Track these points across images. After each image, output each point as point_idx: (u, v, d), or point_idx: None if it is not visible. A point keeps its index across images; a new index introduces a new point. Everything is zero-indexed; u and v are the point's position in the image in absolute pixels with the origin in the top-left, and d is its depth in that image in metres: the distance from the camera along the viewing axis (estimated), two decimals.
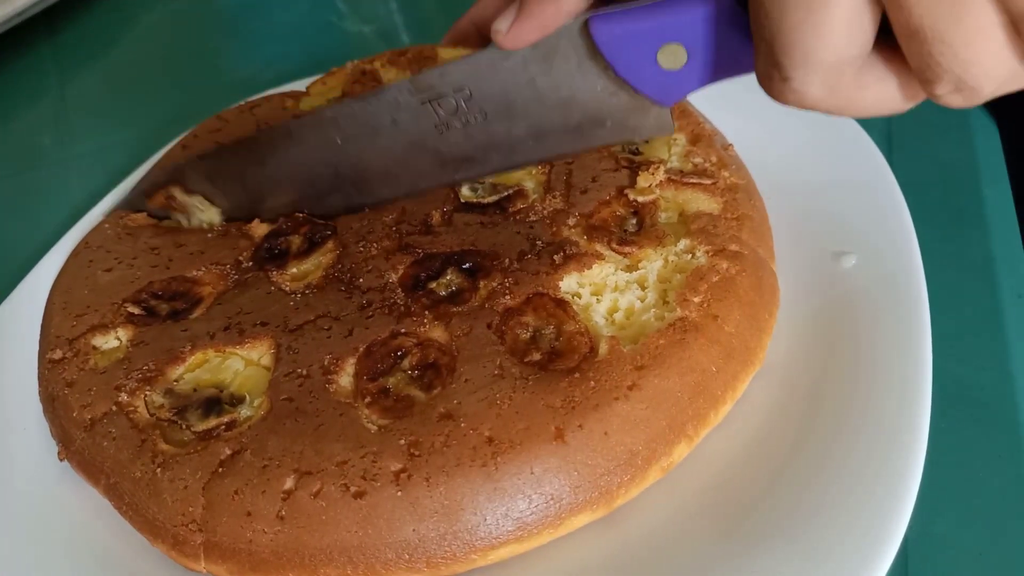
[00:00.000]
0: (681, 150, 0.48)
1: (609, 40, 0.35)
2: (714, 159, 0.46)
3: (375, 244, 0.44)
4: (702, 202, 0.44)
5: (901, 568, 0.35)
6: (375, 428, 0.35)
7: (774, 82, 0.29)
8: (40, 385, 0.42)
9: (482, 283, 0.41)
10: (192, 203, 0.48)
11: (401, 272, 0.42)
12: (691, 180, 0.45)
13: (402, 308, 0.40)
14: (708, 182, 0.45)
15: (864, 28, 0.27)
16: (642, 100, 0.37)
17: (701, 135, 0.48)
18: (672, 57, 0.34)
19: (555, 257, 0.41)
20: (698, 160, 0.46)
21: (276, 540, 0.33)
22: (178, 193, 0.48)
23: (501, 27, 0.36)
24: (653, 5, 0.34)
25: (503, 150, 0.41)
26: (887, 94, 0.29)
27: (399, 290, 0.41)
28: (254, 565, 0.33)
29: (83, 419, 0.39)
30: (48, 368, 0.42)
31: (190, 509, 0.34)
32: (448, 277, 0.41)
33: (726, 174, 0.45)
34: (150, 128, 0.67)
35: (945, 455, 0.37)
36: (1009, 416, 0.40)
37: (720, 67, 0.34)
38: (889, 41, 0.28)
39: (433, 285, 0.41)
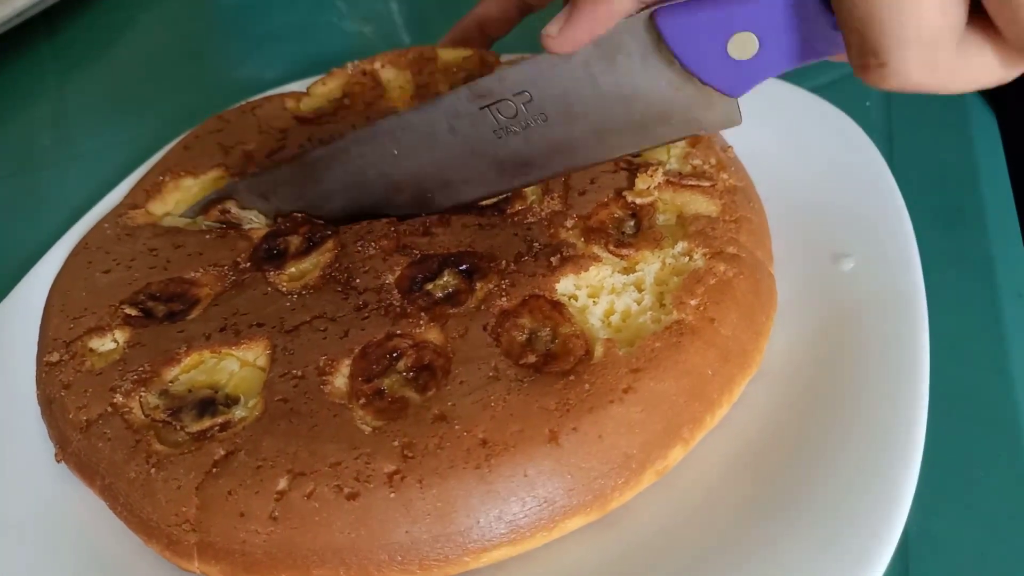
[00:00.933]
0: (680, 152, 0.48)
1: (677, 32, 0.35)
2: (713, 161, 0.46)
3: (373, 244, 0.44)
4: (700, 204, 0.44)
5: (902, 567, 0.35)
6: (369, 429, 0.35)
7: (871, 69, 0.29)
8: (38, 387, 0.42)
9: (479, 285, 0.40)
10: (247, 216, 0.48)
11: (398, 273, 0.42)
12: (689, 182, 0.44)
13: (398, 309, 0.40)
14: (707, 184, 0.44)
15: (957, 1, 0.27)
16: (709, 92, 0.36)
17: (700, 137, 0.48)
18: (743, 46, 0.34)
19: (552, 259, 0.40)
20: (697, 162, 0.46)
21: (269, 541, 0.33)
22: (233, 207, 0.48)
23: (551, 31, 0.36)
24: None
25: (564, 152, 0.40)
26: (987, 65, 0.29)
27: (395, 291, 0.41)
28: (247, 566, 0.33)
29: (79, 421, 0.39)
30: (45, 370, 0.42)
31: (184, 509, 0.34)
32: (445, 279, 0.41)
33: (725, 176, 0.45)
34: (150, 128, 0.67)
35: (945, 455, 0.37)
36: (1009, 415, 0.40)
37: (793, 55, 0.34)
38: (980, 12, 0.27)
39: (430, 286, 0.41)
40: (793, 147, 0.50)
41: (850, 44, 0.29)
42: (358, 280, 0.42)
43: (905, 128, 0.54)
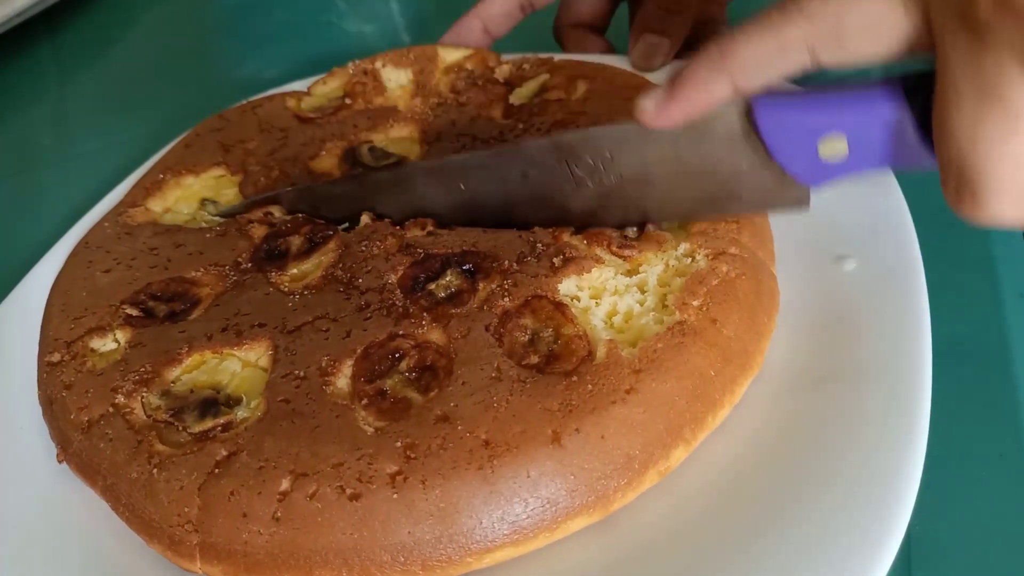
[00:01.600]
0: None
1: (772, 125, 0.35)
2: None
3: (376, 244, 0.44)
4: None
5: (904, 567, 0.35)
6: (371, 430, 0.35)
7: (965, 203, 0.30)
8: (39, 388, 0.42)
9: (481, 285, 0.40)
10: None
11: (401, 273, 0.42)
12: None
13: (400, 310, 0.40)
14: None
15: None
16: (787, 179, 0.37)
17: None
18: (833, 148, 0.35)
19: (554, 260, 0.40)
20: None
21: (271, 541, 0.33)
22: (277, 211, 0.48)
23: (648, 106, 0.36)
24: (825, 97, 0.34)
25: (630, 209, 0.41)
26: None
27: (398, 291, 0.41)
28: (249, 566, 0.33)
29: (80, 421, 0.39)
30: (46, 371, 0.42)
31: (186, 510, 0.34)
32: (447, 278, 0.41)
33: None
34: (150, 128, 0.67)
35: (948, 455, 0.37)
36: (1011, 416, 0.40)
37: (880, 162, 0.35)
38: None
39: (432, 286, 0.41)
40: None
41: (947, 176, 0.30)
42: (360, 280, 0.42)
43: None
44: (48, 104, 0.79)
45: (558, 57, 0.58)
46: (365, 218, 0.46)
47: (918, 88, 0.32)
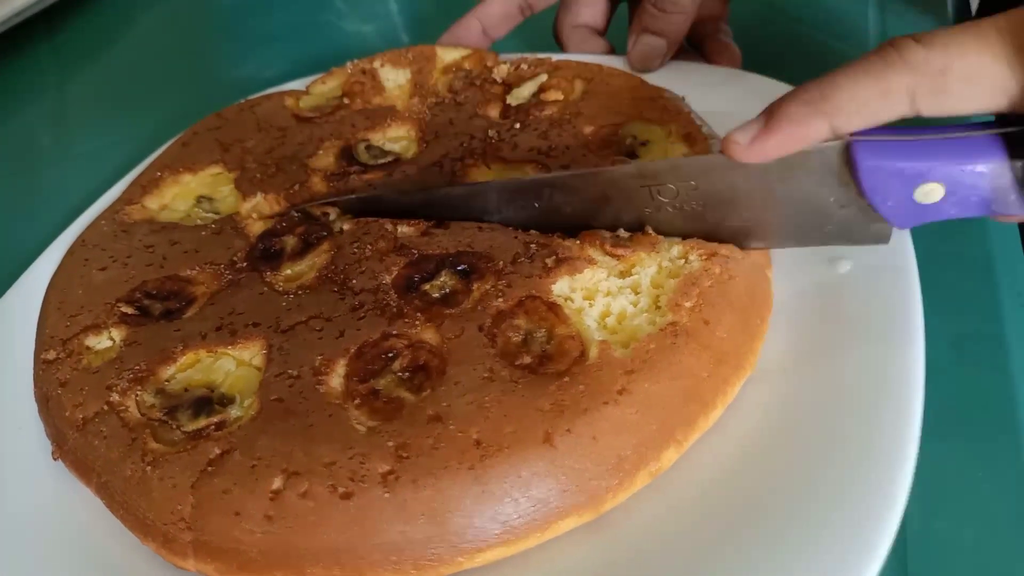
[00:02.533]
0: (678, 153, 0.48)
1: (870, 169, 0.35)
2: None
3: (370, 245, 0.44)
4: None
5: (900, 566, 0.35)
6: (364, 429, 0.35)
7: None
8: (35, 385, 0.43)
9: (475, 285, 0.41)
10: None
11: (395, 274, 0.42)
12: None
13: (394, 310, 0.40)
14: None
15: None
16: (874, 217, 0.37)
17: (696, 137, 0.48)
18: (929, 194, 0.34)
19: (548, 261, 0.41)
20: None
21: (263, 540, 0.33)
22: (333, 213, 0.48)
23: (741, 140, 0.36)
24: (925, 144, 0.34)
25: (707, 232, 0.41)
26: None
27: (392, 291, 0.41)
28: (242, 564, 0.33)
29: (75, 418, 0.39)
30: (42, 368, 0.42)
31: (179, 507, 0.34)
32: (442, 279, 0.41)
33: None
34: (149, 128, 0.67)
35: (945, 455, 0.37)
36: (1008, 416, 0.40)
37: (978, 212, 0.34)
38: None
39: (426, 287, 0.41)
40: None
41: None
42: (354, 281, 0.42)
43: None
44: (47, 104, 0.79)
45: (556, 57, 0.58)
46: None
47: (1020, 141, 0.32)
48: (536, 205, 0.43)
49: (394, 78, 0.59)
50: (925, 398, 0.34)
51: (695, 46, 0.63)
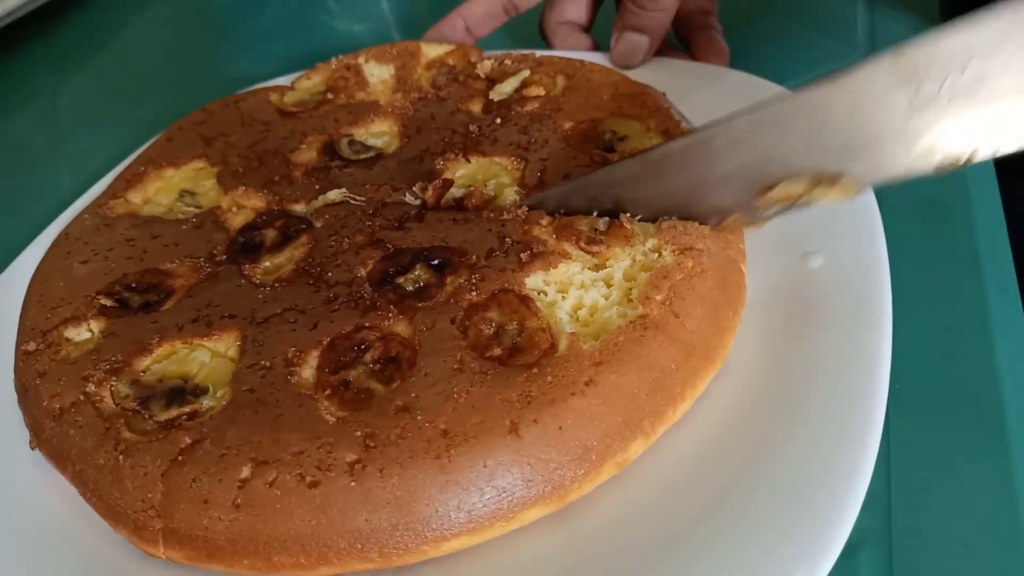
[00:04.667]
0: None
1: None
2: None
3: (347, 239, 0.44)
4: None
5: (886, 560, 0.35)
6: (333, 420, 0.35)
7: None
8: (15, 376, 0.43)
9: (449, 279, 0.41)
10: None
11: (370, 267, 0.42)
12: None
13: (367, 302, 0.40)
14: None
15: None
16: None
17: (675, 133, 0.48)
18: None
19: (522, 255, 0.41)
20: None
21: (231, 528, 0.33)
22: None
23: None
24: None
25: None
26: None
27: (367, 284, 0.41)
28: (210, 552, 0.34)
29: (52, 408, 0.39)
30: (22, 359, 0.42)
31: (149, 495, 0.35)
32: (416, 272, 0.42)
33: None
34: (142, 127, 0.67)
35: (930, 448, 0.38)
36: (994, 409, 0.40)
37: None
38: None
39: (401, 280, 0.41)
40: None
41: None
42: (330, 273, 0.42)
43: None
44: (40, 103, 0.80)
45: (539, 53, 0.59)
46: (334, 195, 0.47)
47: None
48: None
49: (378, 74, 0.59)
50: (911, 391, 0.35)
51: (683, 40, 0.63)
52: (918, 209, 0.51)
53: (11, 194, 0.68)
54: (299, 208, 0.48)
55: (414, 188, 0.47)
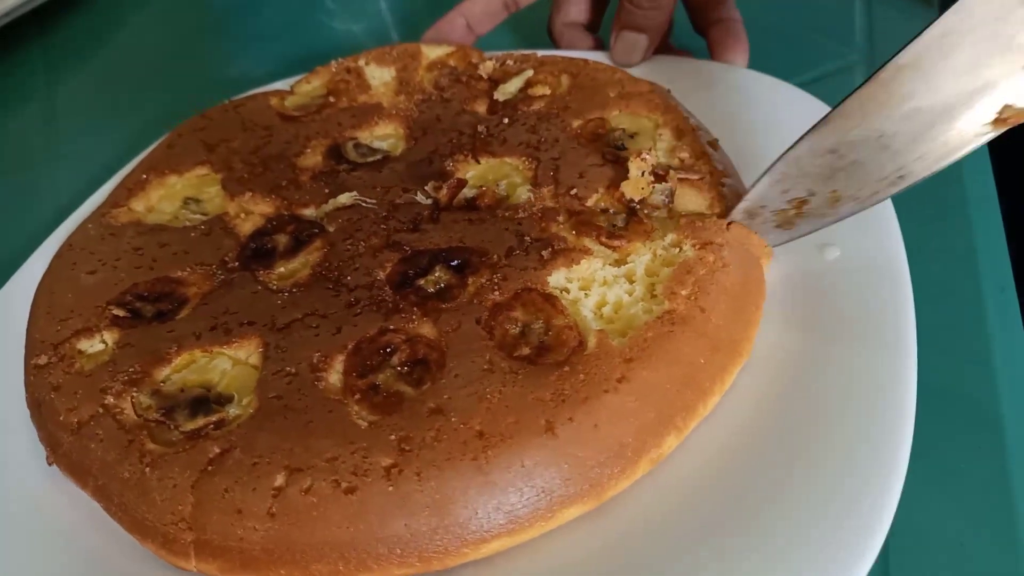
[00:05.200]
0: (667, 145, 0.48)
1: None
2: (700, 154, 0.47)
3: (363, 242, 0.44)
4: (689, 197, 0.44)
5: (882, 559, 0.35)
6: (365, 424, 0.35)
7: None
8: (26, 391, 0.42)
9: (470, 279, 0.41)
10: None
11: (389, 269, 0.42)
12: (680, 176, 0.45)
13: (390, 305, 0.40)
14: (695, 177, 0.45)
15: None
16: None
17: (685, 130, 0.48)
18: None
19: (543, 253, 0.41)
20: (684, 155, 0.46)
21: (267, 537, 0.33)
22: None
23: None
24: None
25: None
26: None
27: (387, 287, 0.41)
28: (245, 563, 0.33)
29: (70, 422, 0.38)
30: (33, 374, 0.41)
31: (179, 508, 0.34)
32: (436, 274, 0.41)
33: (712, 169, 0.46)
34: (139, 128, 0.66)
35: (927, 446, 0.37)
36: (991, 408, 0.41)
37: None
38: None
39: (421, 282, 0.41)
40: (779, 141, 0.50)
41: None
42: (349, 277, 0.42)
43: None
44: (38, 104, 0.79)
45: (541, 53, 0.59)
46: (344, 199, 0.47)
47: None
48: None
49: (380, 76, 0.59)
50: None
51: (700, 32, 0.62)
52: (916, 208, 0.51)
53: (8, 195, 0.67)
54: (309, 212, 0.48)
55: (426, 188, 0.46)
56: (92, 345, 0.42)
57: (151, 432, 0.37)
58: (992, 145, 0.54)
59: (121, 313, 0.43)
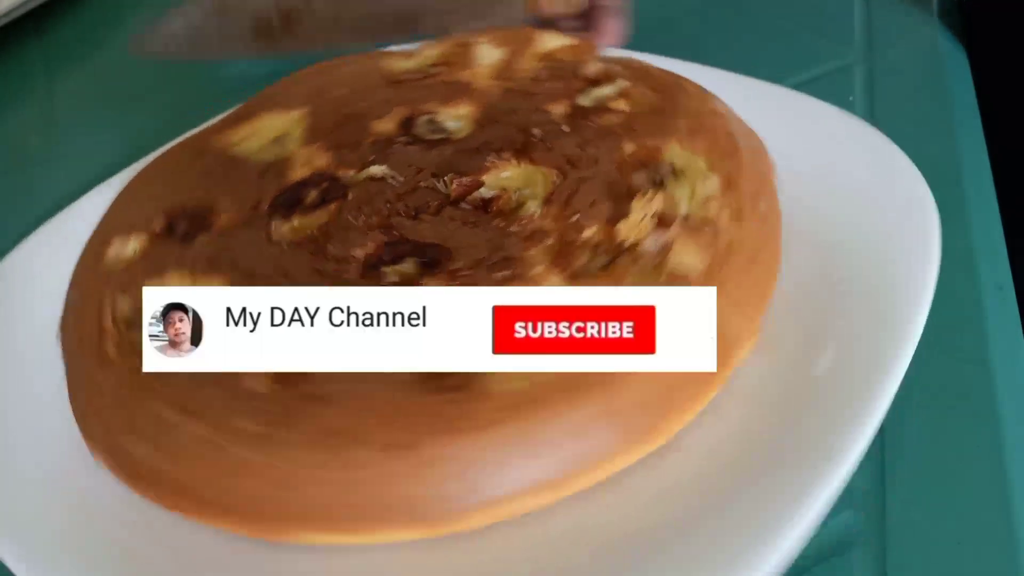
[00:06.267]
0: (708, 193, 0.44)
1: None
2: (734, 210, 0.42)
3: (364, 217, 0.45)
4: (687, 254, 0.40)
5: (879, 557, 0.35)
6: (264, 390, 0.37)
7: None
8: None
9: (424, 280, 0.41)
10: None
11: (370, 249, 0.43)
12: (691, 228, 0.41)
13: (347, 283, 0.41)
14: (709, 236, 0.41)
15: None
16: None
17: (737, 183, 0.44)
18: None
19: (499, 275, 0.40)
20: (714, 210, 0.42)
21: None
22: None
23: None
24: None
25: None
26: None
27: (355, 265, 0.42)
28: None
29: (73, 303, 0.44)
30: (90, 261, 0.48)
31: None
32: (403, 266, 0.42)
33: (735, 231, 0.41)
34: (139, 127, 0.67)
35: (924, 445, 0.38)
36: (988, 406, 0.40)
37: None
38: None
39: (387, 270, 0.42)
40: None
41: None
42: (330, 247, 0.44)
43: (888, 123, 0.51)
44: (36, 103, 0.80)
45: (656, 64, 0.55)
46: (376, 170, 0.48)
47: None
48: None
49: (488, 56, 0.59)
50: (905, 387, 0.35)
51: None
52: None
53: (6, 194, 0.69)
54: (346, 175, 0.50)
55: (444, 178, 0.47)
56: (125, 248, 0.47)
57: (115, 340, 0.42)
58: (990, 143, 0.54)
59: (158, 228, 0.48)
